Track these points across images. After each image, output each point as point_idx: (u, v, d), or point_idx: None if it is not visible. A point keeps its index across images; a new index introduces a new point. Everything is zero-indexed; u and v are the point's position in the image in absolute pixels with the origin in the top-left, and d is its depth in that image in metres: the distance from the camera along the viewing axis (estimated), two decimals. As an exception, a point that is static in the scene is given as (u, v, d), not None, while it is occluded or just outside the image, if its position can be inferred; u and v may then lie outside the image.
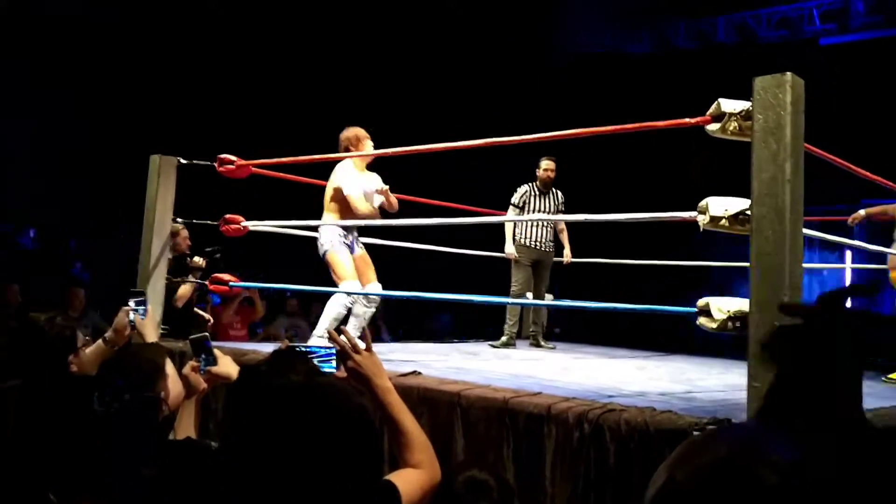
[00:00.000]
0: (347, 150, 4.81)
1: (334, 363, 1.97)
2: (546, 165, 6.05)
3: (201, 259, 5.37)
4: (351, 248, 4.74)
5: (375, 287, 4.81)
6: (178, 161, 4.66)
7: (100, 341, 2.76)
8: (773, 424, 0.78)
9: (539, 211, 6.01)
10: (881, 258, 5.33)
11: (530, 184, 6.10)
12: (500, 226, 6.10)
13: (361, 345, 1.88)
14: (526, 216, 5.98)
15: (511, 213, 6.05)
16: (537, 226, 5.99)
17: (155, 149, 4.76)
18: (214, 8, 10.10)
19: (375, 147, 4.84)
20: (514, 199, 6.08)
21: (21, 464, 1.94)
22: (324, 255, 4.71)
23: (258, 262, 7.73)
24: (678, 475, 0.73)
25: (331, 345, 1.95)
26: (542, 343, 6.03)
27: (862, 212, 5.41)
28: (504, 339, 5.96)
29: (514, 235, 6.02)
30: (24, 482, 1.88)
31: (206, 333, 2.47)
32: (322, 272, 4.91)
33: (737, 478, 0.70)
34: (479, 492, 2.02)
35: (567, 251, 6.26)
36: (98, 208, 9.87)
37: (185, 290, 5.32)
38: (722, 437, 0.76)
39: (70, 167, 10.07)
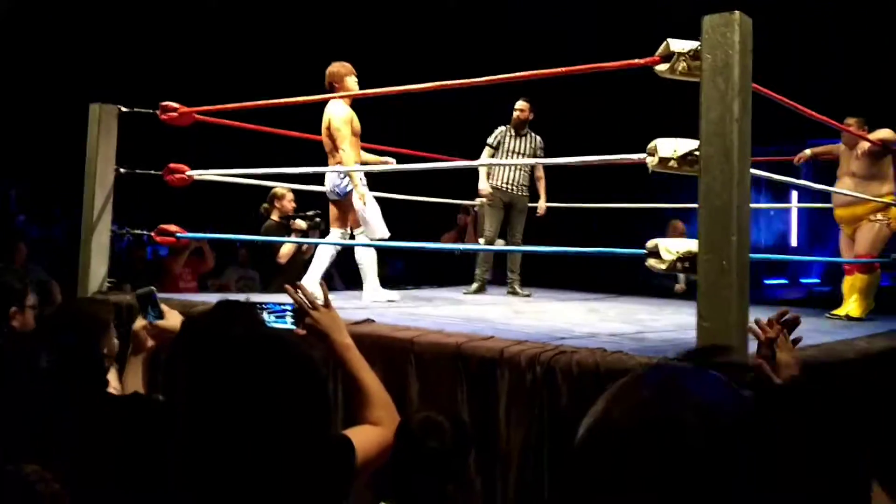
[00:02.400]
0: (332, 86, 4.95)
1: (289, 319, 1.93)
2: (518, 106, 5.94)
3: (303, 222, 5.85)
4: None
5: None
6: (119, 109, 4.50)
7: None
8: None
9: (513, 152, 5.93)
10: (826, 197, 5.43)
11: (506, 126, 6.00)
12: (461, 174, 6.03)
13: (320, 301, 1.83)
14: (497, 160, 5.89)
15: (485, 152, 5.97)
16: (510, 167, 5.91)
17: (106, 97, 4.57)
18: None
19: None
20: (490, 138, 5.98)
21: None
22: (343, 196, 4.88)
23: (207, 213, 7.59)
24: (614, 411, 0.74)
25: (289, 300, 1.89)
26: (519, 290, 5.93)
27: (808, 151, 5.49)
28: (475, 285, 5.94)
29: (487, 174, 5.94)
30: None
31: (153, 287, 2.41)
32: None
33: (657, 418, 0.71)
34: (435, 434, 2.04)
35: (542, 201, 6.11)
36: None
37: (288, 248, 5.76)
38: (649, 379, 0.77)
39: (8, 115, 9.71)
